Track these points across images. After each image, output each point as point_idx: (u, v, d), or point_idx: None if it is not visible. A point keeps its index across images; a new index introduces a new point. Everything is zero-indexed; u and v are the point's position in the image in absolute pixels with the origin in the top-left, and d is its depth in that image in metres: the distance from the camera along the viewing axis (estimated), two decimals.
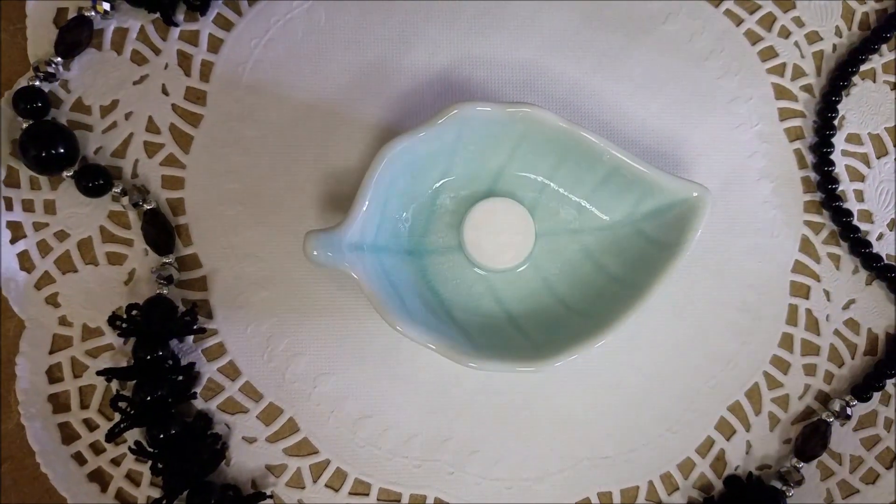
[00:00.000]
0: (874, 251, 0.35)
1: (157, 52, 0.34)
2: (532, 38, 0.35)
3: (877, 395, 0.34)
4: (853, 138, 0.36)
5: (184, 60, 0.34)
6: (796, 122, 0.36)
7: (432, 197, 0.33)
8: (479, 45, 0.35)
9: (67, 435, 0.32)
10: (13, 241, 0.33)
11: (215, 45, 0.34)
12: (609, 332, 0.30)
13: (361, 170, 0.31)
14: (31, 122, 0.32)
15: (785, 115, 0.36)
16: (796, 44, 0.36)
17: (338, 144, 0.34)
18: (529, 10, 0.35)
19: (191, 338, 0.33)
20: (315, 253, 0.29)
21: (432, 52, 0.35)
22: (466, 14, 0.35)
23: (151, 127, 0.34)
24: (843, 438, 0.34)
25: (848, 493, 0.34)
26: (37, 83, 0.33)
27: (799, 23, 0.36)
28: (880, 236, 0.36)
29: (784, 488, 0.33)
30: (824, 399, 0.35)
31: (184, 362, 0.32)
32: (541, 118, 0.31)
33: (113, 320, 0.31)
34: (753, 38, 0.36)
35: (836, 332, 0.35)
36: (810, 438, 0.34)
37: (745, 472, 0.34)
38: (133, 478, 0.32)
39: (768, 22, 0.36)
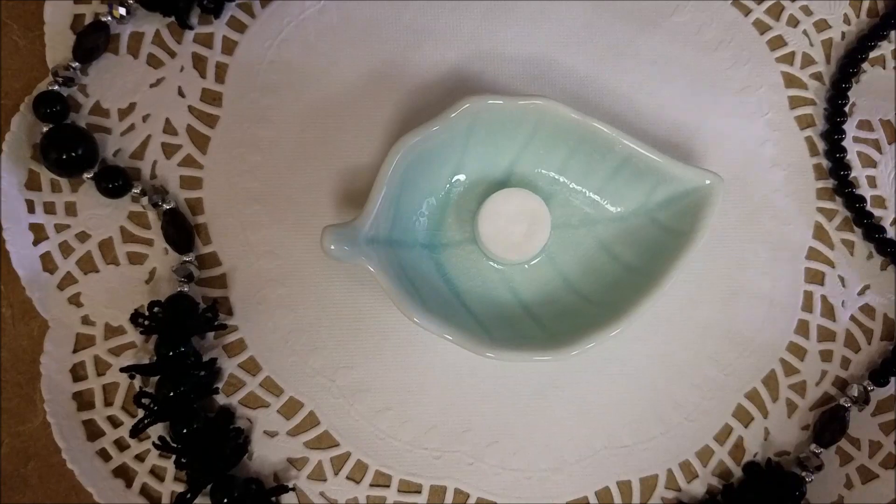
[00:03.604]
0: (888, 236, 0.35)
1: (172, 55, 0.35)
2: (542, 32, 0.35)
3: (894, 380, 0.34)
4: (864, 125, 0.36)
5: (199, 63, 0.35)
6: (807, 110, 0.36)
7: (446, 191, 0.33)
8: (489, 40, 0.35)
9: (92, 432, 0.33)
10: (36, 243, 0.33)
11: (229, 47, 0.35)
12: (625, 320, 0.30)
13: (375, 166, 0.31)
14: (51, 125, 0.33)
15: (795, 103, 0.36)
16: (805, 32, 0.36)
17: (352, 142, 0.34)
18: (538, 5, 0.35)
19: (212, 334, 0.33)
20: (332, 247, 0.29)
21: (443, 49, 0.35)
22: (476, 11, 0.35)
23: (169, 128, 0.34)
24: (862, 424, 0.34)
25: (868, 479, 0.34)
26: (56, 88, 0.33)
27: (807, 11, 0.37)
28: (894, 221, 0.36)
29: (803, 474, 0.33)
30: (842, 385, 0.35)
31: (205, 358, 0.33)
32: (553, 110, 0.31)
33: (135, 318, 0.32)
34: (762, 28, 0.36)
35: (852, 318, 0.35)
36: (828, 424, 0.34)
37: (763, 458, 0.34)
38: (157, 473, 0.33)
39: (776, 11, 0.36)
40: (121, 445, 0.33)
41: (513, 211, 0.32)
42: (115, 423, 0.33)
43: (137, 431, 0.32)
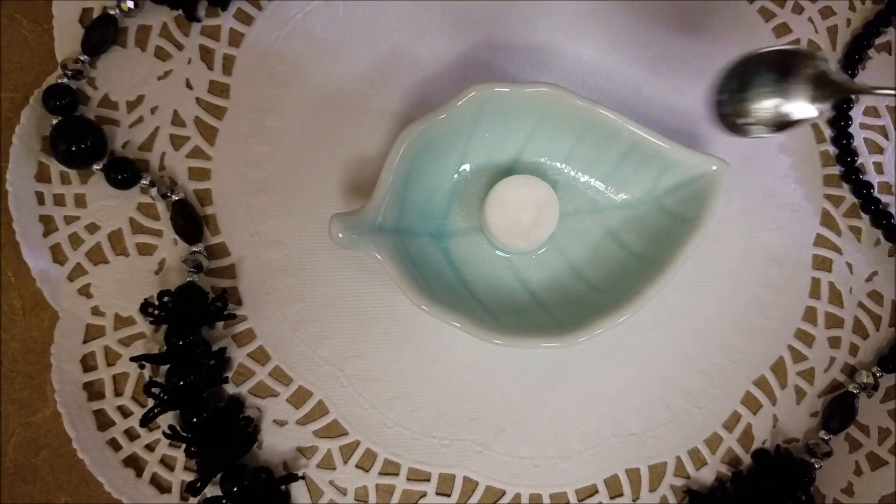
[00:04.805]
0: None
1: (180, 47, 0.35)
2: (548, 20, 0.35)
3: None
4: (871, 111, 0.36)
5: (206, 55, 0.35)
6: None
7: (453, 180, 0.34)
8: (495, 30, 0.35)
9: (102, 422, 0.33)
10: (46, 235, 0.34)
11: (236, 39, 0.35)
12: (632, 307, 0.30)
13: (382, 156, 0.31)
14: (60, 118, 0.33)
15: None
16: (810, 19, 0.36)
17: (358, 132, 0.35)
18: None
19: (221, 324, 0.33)
20: (340, 235, 0.29)
21: (449, 39, 0.35)
22: (482, 1, 0.35)
23: (177, 120, 0.34)
24: (871, 410, 0.34)
25: (877, 465, 0.34)
26: (65, 81, 0.34)
27: None
28: None
29: (812, 461, 0.33)
30: (850, 371, 0.35)
31: (215, 348, 0.33)
32: (559, 97, 0.31)
33: (145, 307, 0.32)
34: (767, 15, 0.36)
35: (860, 305, 0.35)
36: (837, 411, 0.34)
37: (772, 445, 0.34)
38: (167, 462, 0.33)
39: None
40: (131, 435, 0.33)
41: (520, 198, 0.32)
42: (125, 412, 0.33)
43: (147, 421, 0.32)
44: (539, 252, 0.34)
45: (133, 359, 0.32)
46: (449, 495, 0.33)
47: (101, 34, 0.34)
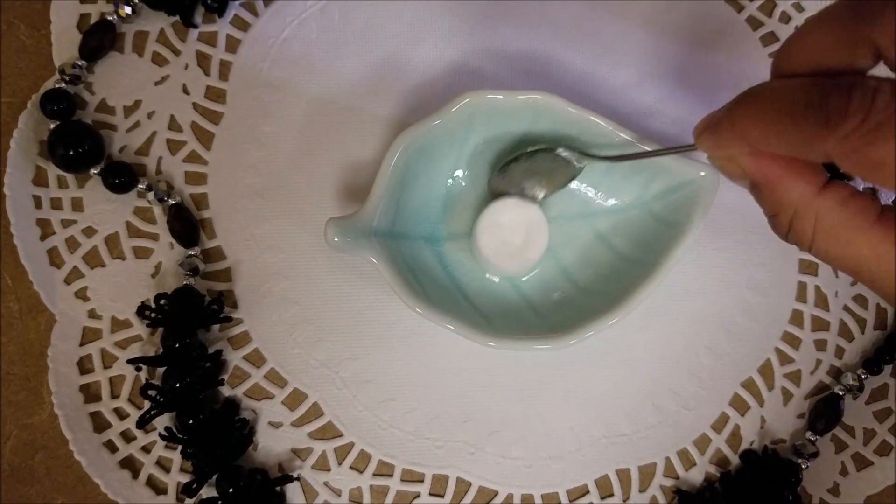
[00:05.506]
0: None
1: (176, 53, 0.35)
2: (539, 29, 0.36)
3: (888, 368, 0.35)
4: None
5: (203, 61, 0.35)
6: None
7: (447, 185, 0.34)
8: (488, 37, 0.36)
9: (99, 424, 0.33)
10: (43, 238, 0.34)
11: (233, 45, 0.35)
12: (622, 310, 0.31)
13: (377, 161, 0.32)
14: (58, 122, 0.33)
15: None
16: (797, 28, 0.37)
17: (353, 138, 0.35)
18: (536, 4, 0.36)
19: (217, 327, 0.34)
20: (336, 239, 0.30)
21: (443, 47, 0.36)
22: (475, 9, 0.36)
23: (173, 125, 0.35)
24: (856, 411, 0.35)
25: (862, 465, 0.35)
26: (62, 85, 0.34)
27: (799, 8, 0.37)
28: None
29: (799, 461, 0.34)
30: (836, 373, 0.35)
31: (211, 350, 0.33)
32: (551, 104, 0.31)
33: (142, 311, 0.32)
34: (755, 24, 0.37)
35: (846, 308, 0.36)
36: (823, 412, 0.34)
37: (760, 446, 0.35)
38: (163, 464, 0.33)
39: (769, 8, 0.37)
40: (127, 437, 0.33)
41: (510, 221, 0.32)
42: (121, 414, 0.33)
43: (144, 422, 0.32)
44: None
45: (130, 361, 0.32)
46: (442, 496, 0.34)
47: (99, 39, 0.34)
